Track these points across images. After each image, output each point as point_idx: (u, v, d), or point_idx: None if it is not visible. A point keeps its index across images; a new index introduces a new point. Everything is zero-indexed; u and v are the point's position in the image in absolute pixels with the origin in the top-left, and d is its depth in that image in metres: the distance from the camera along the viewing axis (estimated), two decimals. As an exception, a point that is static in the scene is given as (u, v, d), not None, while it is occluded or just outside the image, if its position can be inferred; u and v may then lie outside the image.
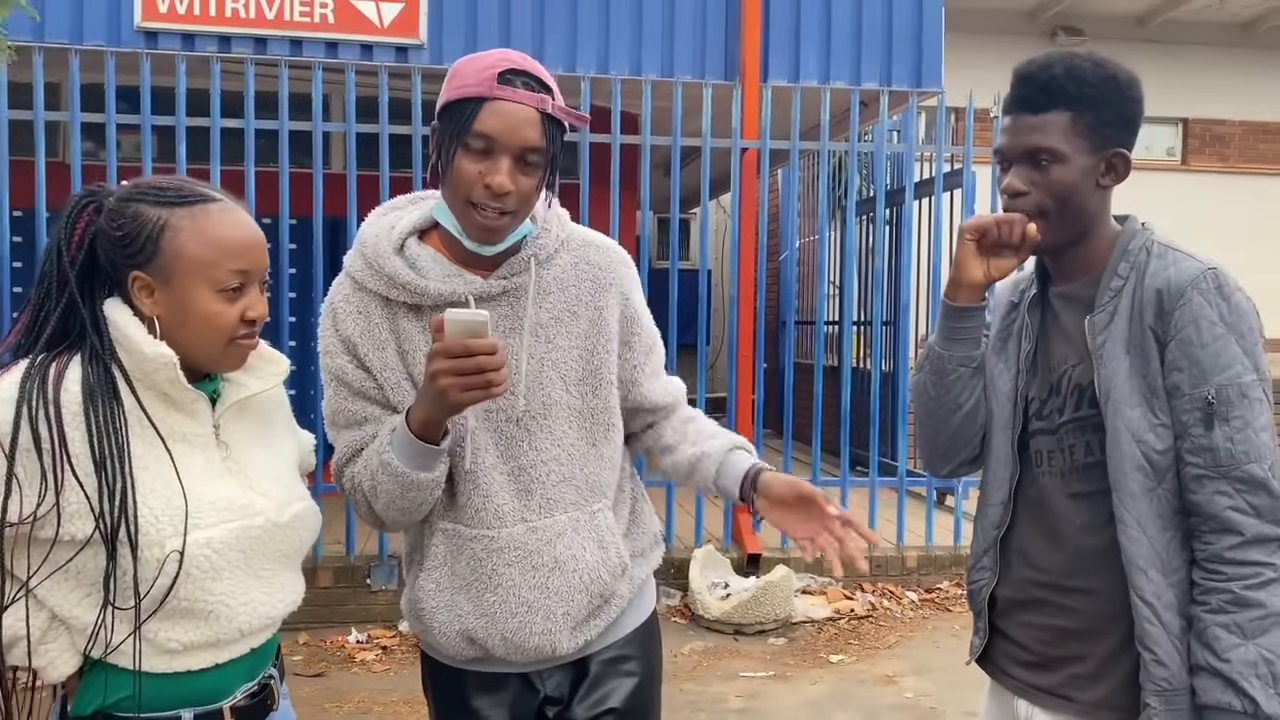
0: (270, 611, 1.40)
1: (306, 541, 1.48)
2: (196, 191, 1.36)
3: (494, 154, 1.46)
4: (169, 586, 1.28)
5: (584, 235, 1.67)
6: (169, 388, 1.33)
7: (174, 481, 1.31)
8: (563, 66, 5.44)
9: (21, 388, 1.25)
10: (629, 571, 1.66)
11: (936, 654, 4.63)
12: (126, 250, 1.32)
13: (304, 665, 4.42)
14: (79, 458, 1.26)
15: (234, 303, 1.35)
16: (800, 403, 7.35)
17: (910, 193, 5.78)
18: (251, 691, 1.42)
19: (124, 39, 5.13)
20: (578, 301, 1.61)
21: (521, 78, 1.47)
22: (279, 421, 1.53)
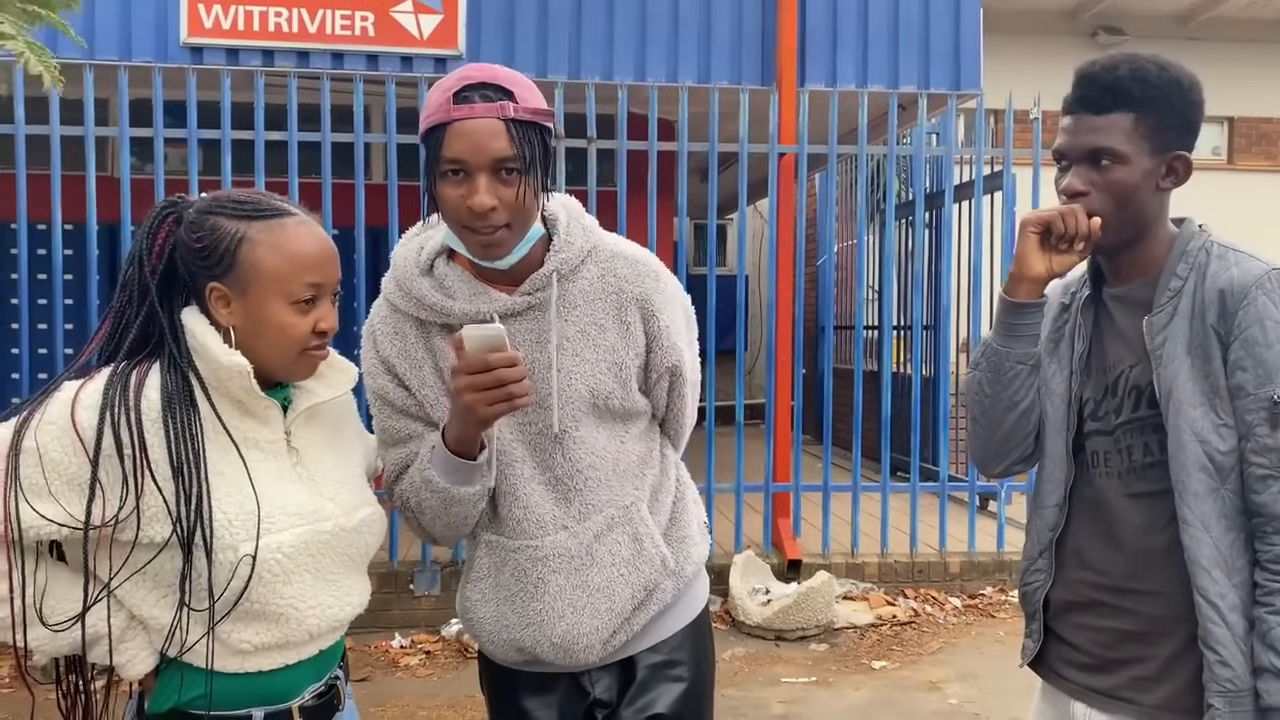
0: (338, 614, 1.43)
1: (372, 546, 1.51)
2: (273, 205, 1.40)
3: (469, 175, 1.45)
4: (242, 589, 1.31)
5: (614, 246, 1.65)
6: (243, 395, 1.36)
7: (247, 487, 1.34)
8: (600, 74, 5.48)
9: (105, 395, 1.29)
10: (669, 564, 1.66)
11: (981, 660, 4.58)
12: (205, 261, 1.36)
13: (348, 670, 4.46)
14: (158, 463, 1.30)
15: (307, 314, 1.38)
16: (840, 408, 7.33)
17: (950, 195, 5.75)
18: (319, 692, 1.45)
19: (170, 55, 5.24)
20: (604, 314, 1.60)
21: (479, 91, 1.45)
22: (348, 427, 1.56)
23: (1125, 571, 1.52)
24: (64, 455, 1.28)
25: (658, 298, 1.63)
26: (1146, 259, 1.53)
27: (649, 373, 1.65)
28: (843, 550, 5.55)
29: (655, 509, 1.68)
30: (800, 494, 5.55)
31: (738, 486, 5.43)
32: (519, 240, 1.53)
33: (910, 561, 5.49)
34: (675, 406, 1.71)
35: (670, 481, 1.72)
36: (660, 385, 1.67)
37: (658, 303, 1.63)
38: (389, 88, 5.10)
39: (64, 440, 1.28)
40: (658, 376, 1.66)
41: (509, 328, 1.54)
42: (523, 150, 1.45)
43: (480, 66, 1.50)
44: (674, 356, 1.65)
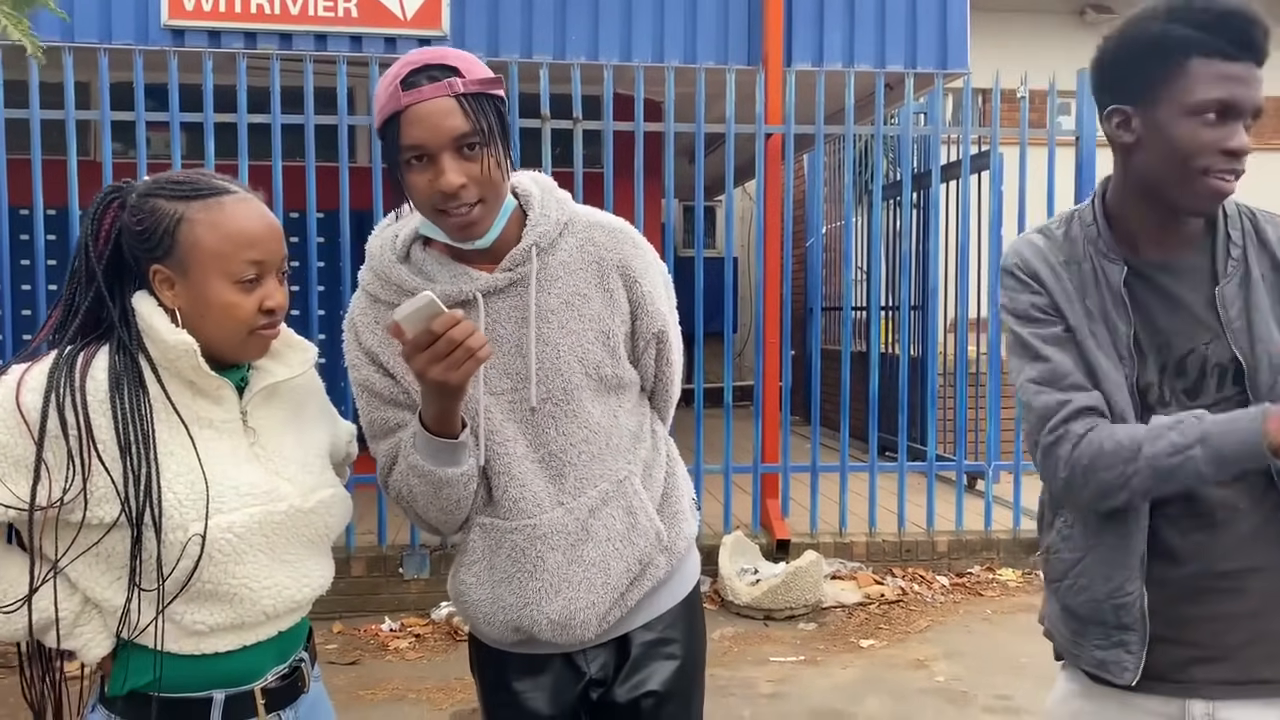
0: (295, 595, 1.42)
1: (334, 527, 1.49)
2: (211, 184, 1.38)
3: (432, 157, 1.45)
4: (191, 569, 1.30)
5: (590, 216, 1.65)
6: (193, 375, 1.35)
7: (198, 466, 1.33)
8: (585, 55, 5.44)
9: (50, 377, 1.29)
10: (663, 538, 1.66)
11: (968, 638, 4.61)
12: (146, 244, 1.35)
13: (338, 654, 4.47)
14: (105, 444, 1.29)
15: (251, 293, 1.37)
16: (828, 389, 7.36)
17: (937, 176, 5.75)
18: (282, 674, 1.44)
19: (152, 38, 5.18)
20: (586, 283, 1.59)
21: (425, 73, 1.44)
22: (310, 408, 1.54)
23: (1228, 554, 1.43)
24: (9, 438, 1.27)
25: (638, 264, 1.63)
26: (1191, 226, 1.45)
27: (636, 340, 1.65)
28: (831, 530, 5.58)
29: (648, 484, 1.67)
30: (789, 474, 5.57)
31: (726, 467, 5.44)
32: (494, 216, 1.52)
33: (898, 541, 5.51)
34: (664, 375, 1.71)
35: (661, 457, 1.72)
36: (648, 353, 1.67)
37: (638, 268, 1.62)
38: (372, 69, 5.06)
39: (9, 423, 1.27)
40: (645, 344, 1.65)
41: (491, 305, 1.55)
42: (479, 123, 1.44)
43: (420, 51, 1.49)
44: (659, 322, 1.65)
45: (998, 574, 5.48)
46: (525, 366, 1.57)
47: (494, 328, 1.56)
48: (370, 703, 3.93)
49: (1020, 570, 5.54)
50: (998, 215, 5.69)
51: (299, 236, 5.75)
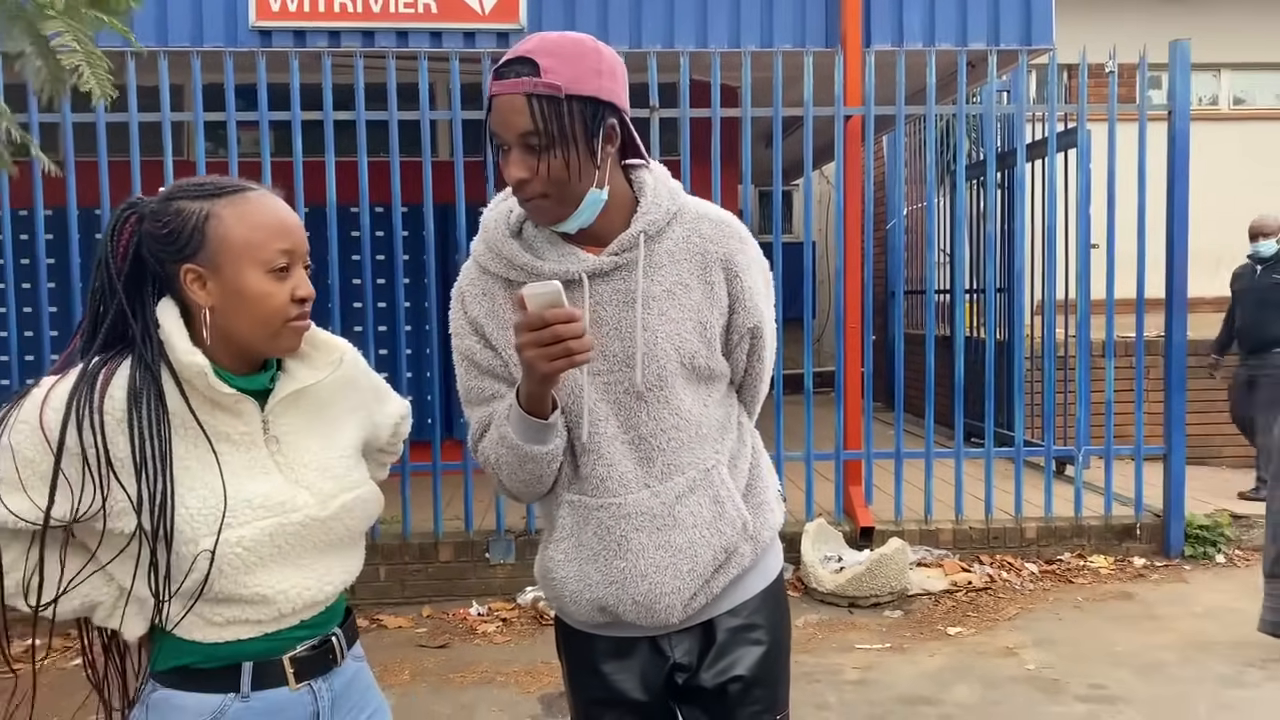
0: (315, 596, 1.45)
1: (356, 529, 1.51)
2: (233, 183, 1.42)
3: (507, 148, 1.50)
4: (202, 581, 1.35)
5: (699, 208, 1.67)
6: (208, 391, 1.38)
7: (214, 481, 1.36)
8: (661, 43, 5.44)
9: (71, 395, 1.33)
10: (749, 527, 1.67)
11: (1059, 626, 4.52)
12: (174, 245, 1.37)
13: (428, 637, 4.58)
14: (122, 461, 1.33)
15: (283, 282, 1.40)
16: (912, 374, 7.25)
17: (1022, 154, 5.61)
18: (312, 645, 1.47)
19: (240, 39, 5.33)
20: (689, 274, 1.61)
21: (515, 66, 1.47)
22: (339, 407, 1.54)
23: None
24: (34, 454, 1.32)
25: (741, 259, 1.64)
26: None
27: (730, 334, 1.66)
28: (916, 517, 5.51)
29: (734, 474, 1.69)
30: (872, 461, 5.51)
31: (807, 454, 5.41)
32: (566, 210, 1.55)
33: (985, 528, 5.42)
34: (754, 370, 1.72)
35: (747, 449, 1.73)
36: (741, 347, 1.68)
37: (741, 263, 1.64)
38: (452, 64, 5.13)
39: (34, 440, 1.32)
40: (739, 338, 1.67)
41: (596, 288, 1.58)
42: (542, 125, 1.46)
43: (532, 37, 1.51)
44: (755, 317, 1.66)
45: (1089, 561, 5.36)
46: (623, 349, 1.59)
47: (596, 310, 1.59)
48: (460, 685, 4.01)
49: (1113, 557, 5.41)
50: (1086, 194, 5.54)
51: (384, 230, 5.88)
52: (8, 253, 5.00)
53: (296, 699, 1.44)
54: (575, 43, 1.50)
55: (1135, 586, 5.07)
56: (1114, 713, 3.62)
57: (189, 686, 1.39)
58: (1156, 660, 4.09)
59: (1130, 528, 5.50)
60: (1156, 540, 5.51)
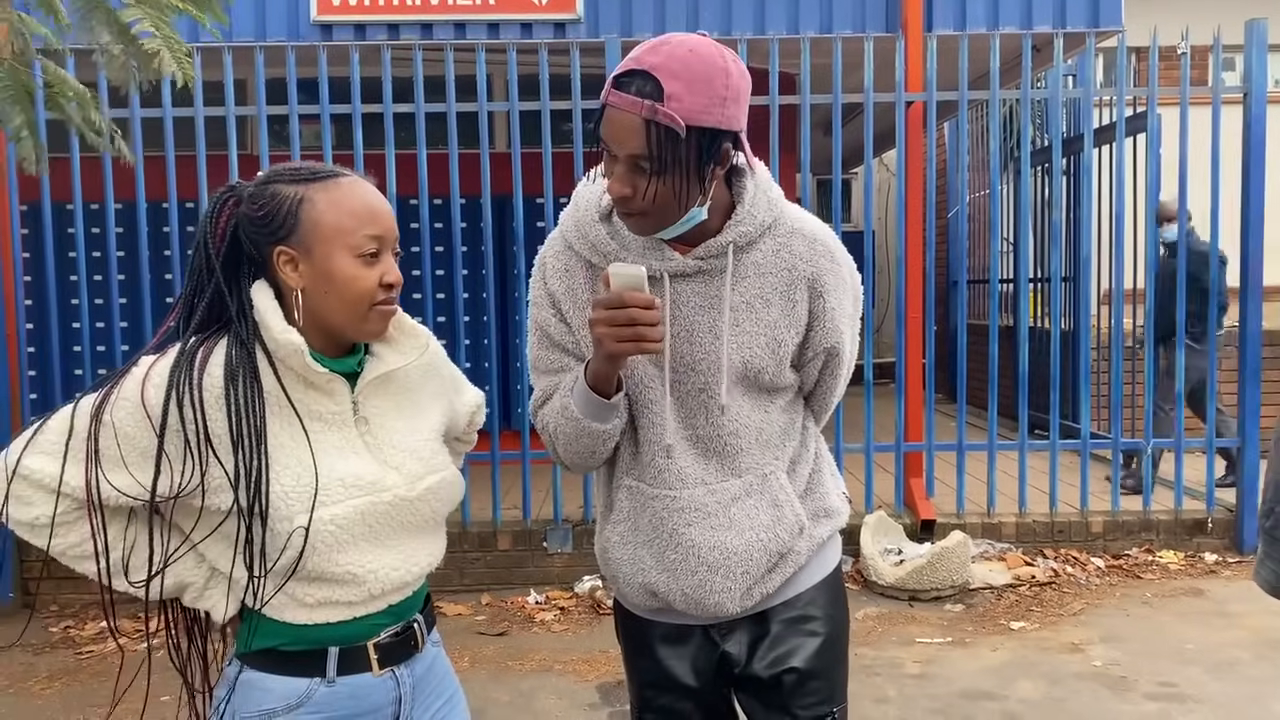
0: (403, 577, 1.47)
1: (441, 511, 1.53)
2: (327, 169, 1.45)
3: (614, 159, 1.47)
4: (296, 558, 1.37)
5: (795, 221, 1.63)
6: (303, 370, 1.40)
7: (306, 459, 1.39)
8: (719, 30, 5.40)
9: (172, 373, 1.36)
10: (807, 530, 1.66)
11: (1126, 622, 4.42)
12: (269, 227, 1.40)
13: (487, 625, 4.62)
14: (220, 438, 1.36)
15: (372, 267, 1.42)
16: (975, 365, 7.13)
17: (1089, 139, 5.47)
18: (395, 631, 1.49)
19: (302, 33, 5.41)
20: (772, 289, 1.60)
21: (637, 81, 1.42)
22: (425, 392, 1.57)
23: None
24: (136, 430, 1.35)
25: (829, 278, 1.61)
26: None
27: (805, 350, 1.65)
28: (978, 510, 5.42)
29: (793, 478, 1.68)
30: (933, 453, 5.43)
31: (867, 446, 5.35)
32: (661, 226, 1.53)
33: (1050, 521, 5.31)
34: (826, 385, 1.71)
35: (809, 453, 1.72)
36: (814, 364, 1.67)
37: (828, 284, 1.61)
38: (510, 55, 5.14)
39: (136, 416, 1.35)
40: (813, 355, 1.65)
41: (676, 288, 1.57)
42: (655, 152, 1.43)
43: (657, 47, 1.44)
44: (834, 338, 1.64)
45: (1157, 556, 5.23)
46: (691, 352, 1.59)
47: (673, 309, 1.59)
48: (519, 673, 4.04)
49: (1183, 553, 5.27)
50: (1156, 180, 5.39)
51: (443, 222, 5.93)
52: (80, 245, 5.13)
53: (380, 684, 1.47)
54: (705, 63, 1.42)
55: (1206, 583, 4.94)
56: (1185, 711, 3.53)
57: (276, 669, 1.42)
58: (1229, 658, 3.98)
59: (1201, 522, 5.35)
60: (1229, 535, 5.36)
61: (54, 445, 1.37)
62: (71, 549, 1.40)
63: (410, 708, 1.51)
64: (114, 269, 5.15)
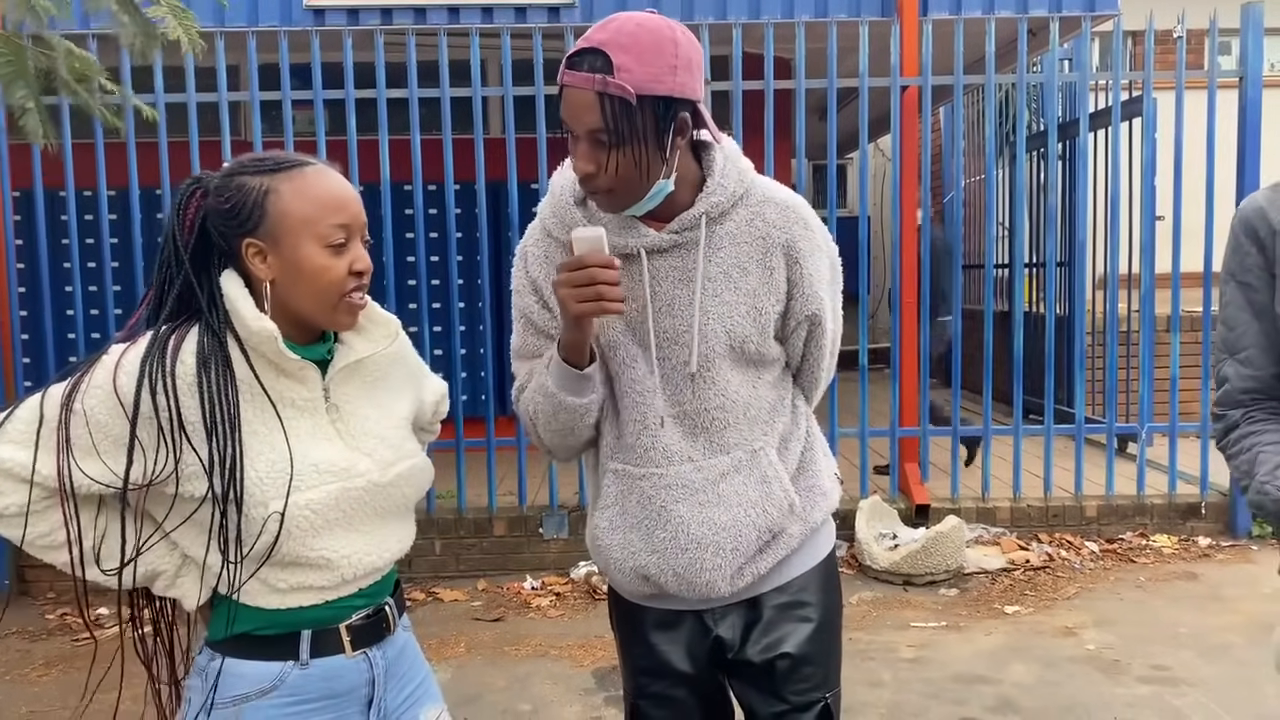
0: (375, 562, 1.48)
1: (412, 497, 1.54)
2: (292, 158, 1.44)
3: (576, 138, 1.50)
4: (272, 543, 1.38)
5: (766, 190, 1.65)
6: (275, 357, 1.41)
7: (281, 445, 1.39)
8: (714, 15, 5.38)
9: (143, 360, 1.36)
10: (798, 509, 1.66)
11: (1120, 606, 4.44)
12: (235, 219, 1.40)
13: (484, 610, 4.63)
14: (194, 425, 1.36)
15: (341, 256, 1.42)
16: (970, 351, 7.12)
17: (1085, 124, 5.46)
18: (366, 614, 1.50)
19: (295, 19, 5.38)
20: (748, 258, 1.60)
21: (588, 58, 1.46)
22: (393, 379, 1.58)
23: None
24: (108, 418, 1.35)
25: (804, 244, 1.63)
26: None
27: (787, 319, 1.65)
28: (973, 495, 5.43)
29: (784, 456, 1.68)
30: (928, 438, 5.44)
31: (862, 431, 5.36)
32: (630, 201, 1.55)
33: (1044, 506, 5.33)
34: (812, 357, 1.71)
35: (800, 431, 1.72)
36: (797, 334, 1.67)
37: (803, 249, 1.62)
38: (504, 40, 5.12)
39: (108, 404, 1.35)
40: (796, 324, 1.66)
41: (654, 263, 1.59)
42: (612, 125, 1.46)
43: (605, 24, 1.49)
44: (814, 305, 1.64)
45: (1151, 540, 5.25)
46: (674, 327, 1.60)
47: (653, 285, 1.60)
48: (515, 658, 4.05)
49: (1176, 536, 5.29)
50: (1151, 164, 5.39)
51: (437, 209, 5.91)
52: (73, 232, 5.11)
53: (353, 666, 1.48)
54: (651, 34, 1.46)
55: (1200, 567, 4.96)
56: (1178, 694, 3.55)
57: (248, 654, 1.42)
58: (1222, 642, 4.00)
59: (1195, 506, 5.37)
60: (1222, 520, 5.38)
61: (23, 434, 1.36)
62: (41, 538, 1.39)
63: (384, 690, 1.52)
64: (107, 256, 5.14)
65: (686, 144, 1.57)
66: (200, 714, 1.41)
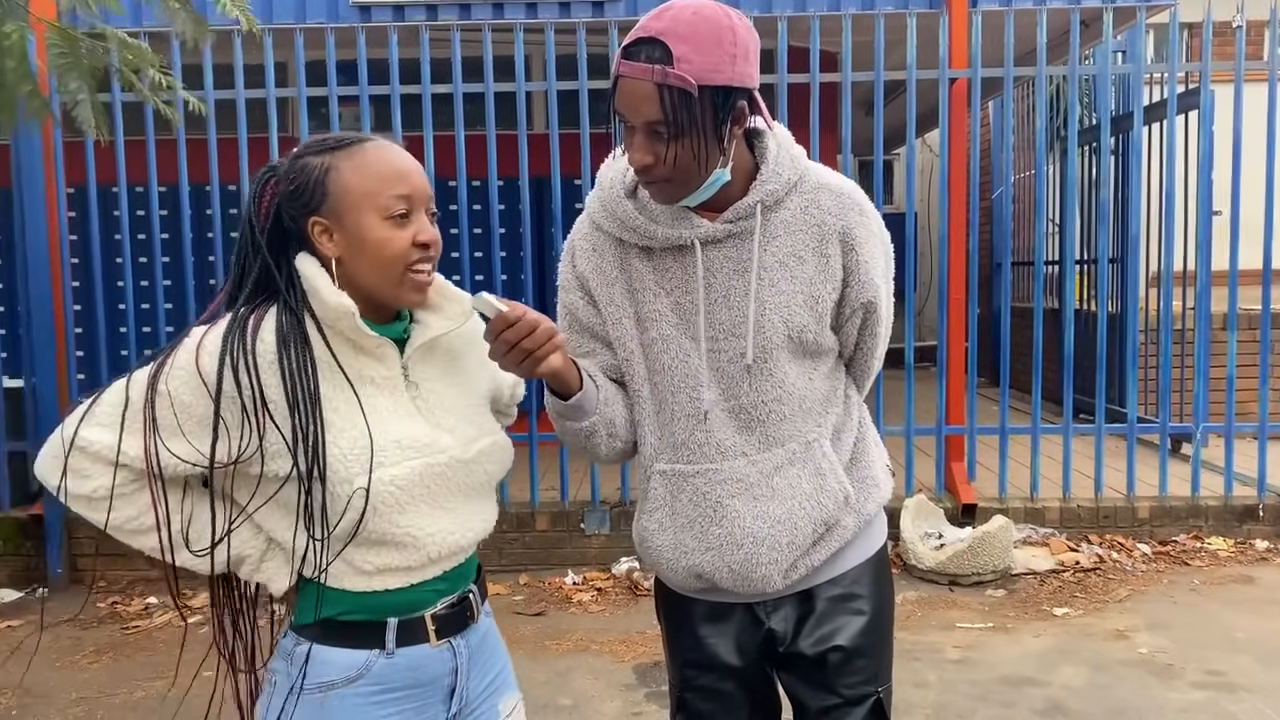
0: (459, 540, 1.47)
1: (494, 474, 1.53)
2: (353, 136, 1.45)
3: (631, 129, 1.48)
4: (357, 520, 1.37)
5: (820, 177, 1.63)
6: (354, 334, 1.41)
7: (361, 422, 1.39)
8: (759, 8, 5.34)
9: (225, 340, 1.36)
10: (852, 501, 1.64)
11: (1173, 609, 4.33)
12: (301, 199, 1.41)
13: (525, 605, 4.63)
14: (276, 403, 1.36)
15: (404, 228, 1.41)
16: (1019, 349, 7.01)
17: (1139, 118, 5.33)
18: (451, 603, 1.50)
19: (342, 15, 5.42)
20: (804, 246, 1.59)
21: (645, 48, 1.44)
22: (471, 358, 1.56)
23: None
24: (192, 398, 1.35)
25: (860, 231, 1.60)
26: None
27: (843, 308, 1.63)
28: (1021, 495, 5.34)
29: (837, 447, 1.66)
30: (975, 436, 5.35)
31: (908, 429, 5.29)
32: (686, 192, 1.53)
33: (1095, 506, 5.22)
34: (866, 345, 1.69)
35: (853, 421, 1.70)
36: (852, 322, 1.65)
37: (859, 236, 1.60)
38: (548, 35, 5.12)
39: (191, 384, 1.35)
40: (851, 312, 1.63)
41: (708, 254, 1.57)
42: (671, 116, 1.44)
43: (660, 12, 1.46)
44: (870, 292, 1.62)
45: (1206, 543, 5.13)
46: (730, 318, 1.58)
47: (708, 276, 1.58)
48: (556, 653, 4.05)
49: (1232, 539, 5.16)
50: (1208, 158, 5.26)
51: (480, 204, 5.92)
52: (125, 227, 5.19)
53: (437, 655, 1.48)
54: (710, 23, 1.44)
55: (1257, 570, 4.83)
56: (1234, 700, 3.45)
57: (335, 641, 1.42)
58: (1280, 647, 3.89)
59: (1252, 509, 5.23)
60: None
61: (110, 417, 1.38)
62: (129, 522, 1.41)
63: (466, 679, 1.51)
64: (158, 251, 5.21)
65: (742, 131, 1.55)
66: (289, 698, 1.41)
